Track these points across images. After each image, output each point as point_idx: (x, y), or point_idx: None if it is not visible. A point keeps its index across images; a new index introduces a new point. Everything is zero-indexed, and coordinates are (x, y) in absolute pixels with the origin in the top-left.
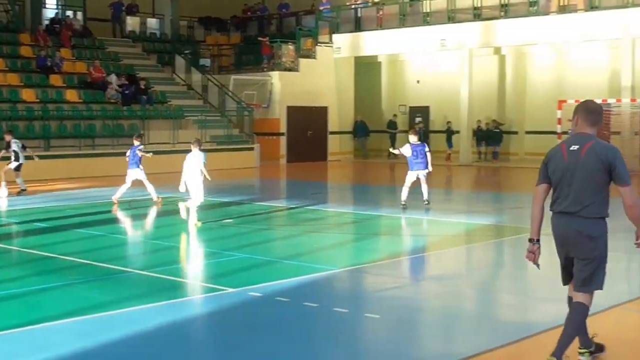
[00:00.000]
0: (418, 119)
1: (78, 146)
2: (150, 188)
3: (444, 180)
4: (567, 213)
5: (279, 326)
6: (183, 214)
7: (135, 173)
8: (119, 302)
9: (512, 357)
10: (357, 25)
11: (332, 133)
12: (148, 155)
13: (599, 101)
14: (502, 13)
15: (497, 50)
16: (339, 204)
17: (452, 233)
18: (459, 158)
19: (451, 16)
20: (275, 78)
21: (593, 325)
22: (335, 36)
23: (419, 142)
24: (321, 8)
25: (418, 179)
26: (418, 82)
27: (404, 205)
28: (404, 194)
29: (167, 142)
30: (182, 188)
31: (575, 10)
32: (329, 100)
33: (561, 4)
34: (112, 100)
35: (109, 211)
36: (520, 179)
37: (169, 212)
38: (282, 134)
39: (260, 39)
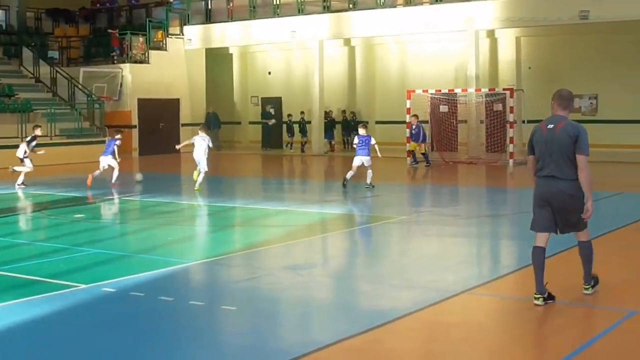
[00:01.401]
0: (270, 110)
1: None
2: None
3: (298, 170)
4: (551, 177)
5: (135, 321)
6: (195, 177)
7: (107, 160)
8: None
9: (370, 344)
10: (208, 17)
11: (184, 125)
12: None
13: (445, 91)
14: (351, 5)
15: (347, 42)
16: (194, 196)
17: (306, 223)
18: (312, 148)
19: (301, 8)
20: (126, 70)
21: (443, 310)
22: (186, 28)
23: (366, 135)
24: (171, 0)
25: (363, 164)
26: (270, 73)
27: (345, 183)
28: (349, 175)
29: (15, 136)
30: (178, 147)
31: (421, 3)
32: (181, 92)
33: None
34: None
35: None
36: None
37: (20, 208)
38: (134, 126)
39: (109, 31)
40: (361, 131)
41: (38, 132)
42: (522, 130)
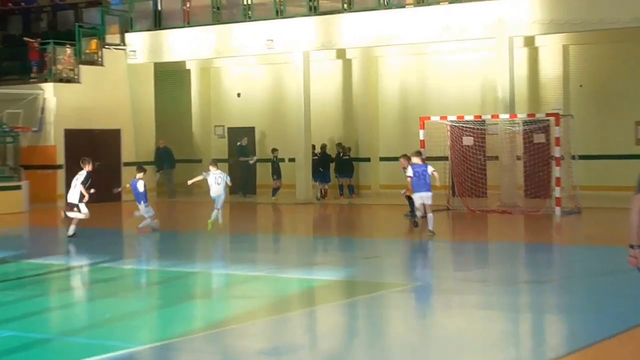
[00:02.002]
0: (240, 143)
1: None
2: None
3: (274, 222)
4: None
5: None
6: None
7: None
8: None
9: None
10: (158, 21)
11: (127, 164)
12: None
13: (470, 118)
14: (346, 5)
15: (342, 54)
16: (140, 258)
17: (288, 293)
18: (296, 194)
19: (280, 9)
20: (49, 92)
21: None
22: (128, 35)
23: (422, 163)
24: None
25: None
26: (239, 95)
27: (413, 218)
28: (419, 213)
29: None
30: (190, 182)
31: (438, 2)
32: (122, 120)
33: None
34: None
35: None
36: (376, 220)
37: None
38: (60, 166)
39: (26, 39)
40: (416, 160)
41: (89, 166)
42: (572, 169)
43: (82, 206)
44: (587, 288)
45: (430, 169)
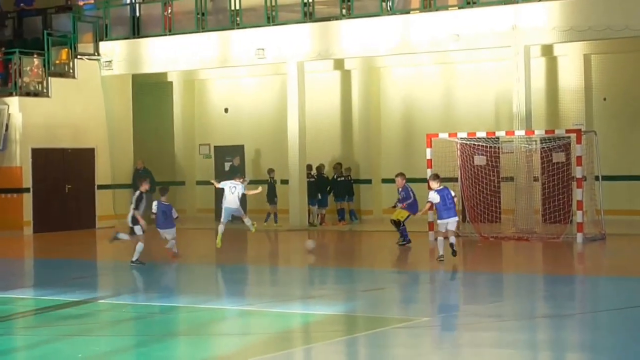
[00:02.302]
0: (229, 163)
1: None
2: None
3: (265, 250)
4: None
5: None
6: (219, 244)
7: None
8: None
9: None
10: (136, 29)
11: (101, 187)
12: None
13: (482, 134)
14: (345, 11)
15: (340, 64)
16: (117, 292)
17: (281, 329)
18: (289, 219)
19: (272, 15)
20: (14, 107)
21: None
22: (103, 44)
23: (442, 187)
24: (80, 2)
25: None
26: (226, 111)
27: (441, 259)
28: (440, 247)
29: None
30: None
31: (446, 8)
32: (97, 138)
33: None
34: None
35: None
36: (378, 248)
37: None
38: (27, 189)
39: None
40: (435, 185)
41: (145, 186)
42: (595, 191)
43: (137, 229)
44: (612, 324)
45: (452, 192)
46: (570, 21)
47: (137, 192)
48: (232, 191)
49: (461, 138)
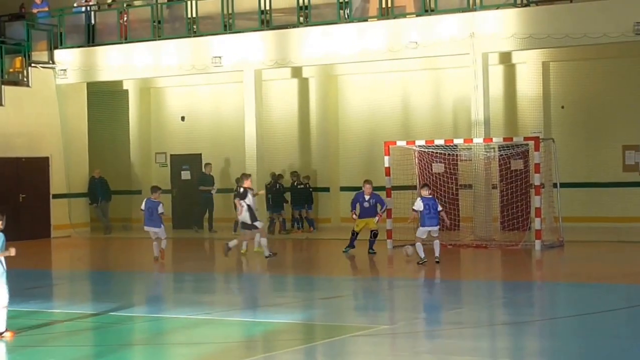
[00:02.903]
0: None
1: None
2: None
3: (230, 260)
4: None
5: None
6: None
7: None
8: None
9: None
10: (91, 37)
11: (56, 197)
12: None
13: (440, 142)
14: (302, 19)
15: (297, 72)
16: (71, 302)
17: (239, 338)
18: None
19: (229, 23)
20: None
21: None
22: (58, 52)
23: (430, 196)
24: (34, 10)
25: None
26: (183, 119)
27: (424, 261)
28: (420, 251)
29: None
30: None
31: (404, 15)
32: (52, 147)
33: (384, 5)
34: None
35: None
36: (335, 256)
37: None
38: None
39: None
40: (425, 192)
41: (248, 183)
42: (553, 198)
43: (258, 223)
44: (570, 330)
45: (438, 204)
46: (529, 29)
47: (241, 189)
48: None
49: (419, 146)
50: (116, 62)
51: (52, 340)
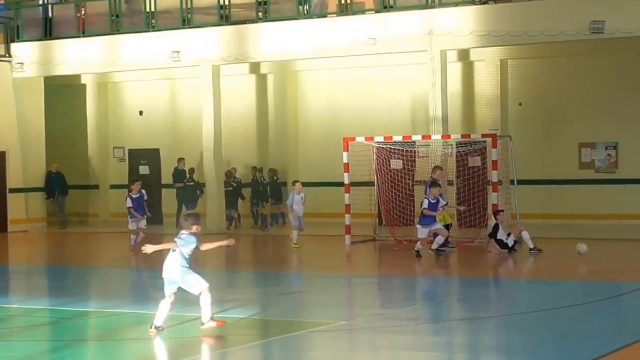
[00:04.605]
0: (143, 166)
1: None
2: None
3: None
4: None
5: None
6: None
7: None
8: None
9: None
10: (48, 30)
11: (13, 191)
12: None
13: (398, 138)
14: (261, 14)
15: (256, 68)
16: (27, 296)
17: (195, 334)
18: (206, 224)
19: (187, 18)
20: None
21: None
22: (14, 46)
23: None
24: None
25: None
26: (141, 113)
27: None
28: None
29: None
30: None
31: (363, 12)
32: (8, 141)
33: (343, 2)
34: None
35: None
36: (292, 252)
37: None
38: None
39: None
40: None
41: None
42: (511, 195)
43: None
44: (526, 326)
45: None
46: (487, 26)
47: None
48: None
49: (377, 142)
50: (74, 56)
51: (9, 335)
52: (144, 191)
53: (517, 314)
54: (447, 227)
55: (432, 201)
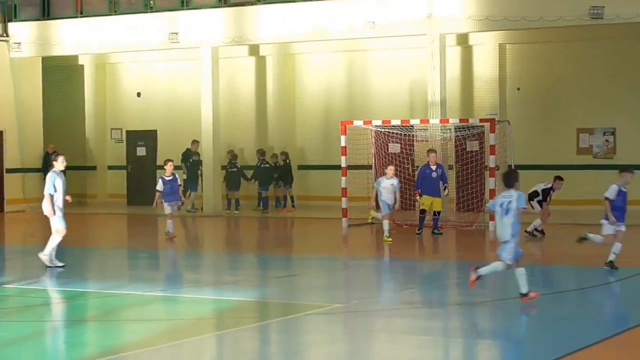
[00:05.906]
0: (141, 148)
1: None
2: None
3: (184, 237)
4: None
5: None
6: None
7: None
8: None
9: None
10: (46, 10)
11: (10, 171)
12: None
13: (397, 122)
14: None
15: (255, 50)
16: (24, 277)
17: (194, 315)
18: (203, 205)
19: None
20: None
21: None
22: (12, 25)
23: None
24: None
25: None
26: (139, 95)
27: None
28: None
29: None
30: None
31: None
32: (5, 121)
33: None
34: None
35: None
36: (289, 235)
37: None
38: None
39: None
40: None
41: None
42: None
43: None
44: (522, 310)
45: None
46: (486, 11)
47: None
48: (389, 189)
49: (376, 126)
50: (72, 36)
51: (4, 316)
52: (176, 173)
53: (513, 298)
54: (437, 214)
55: None
